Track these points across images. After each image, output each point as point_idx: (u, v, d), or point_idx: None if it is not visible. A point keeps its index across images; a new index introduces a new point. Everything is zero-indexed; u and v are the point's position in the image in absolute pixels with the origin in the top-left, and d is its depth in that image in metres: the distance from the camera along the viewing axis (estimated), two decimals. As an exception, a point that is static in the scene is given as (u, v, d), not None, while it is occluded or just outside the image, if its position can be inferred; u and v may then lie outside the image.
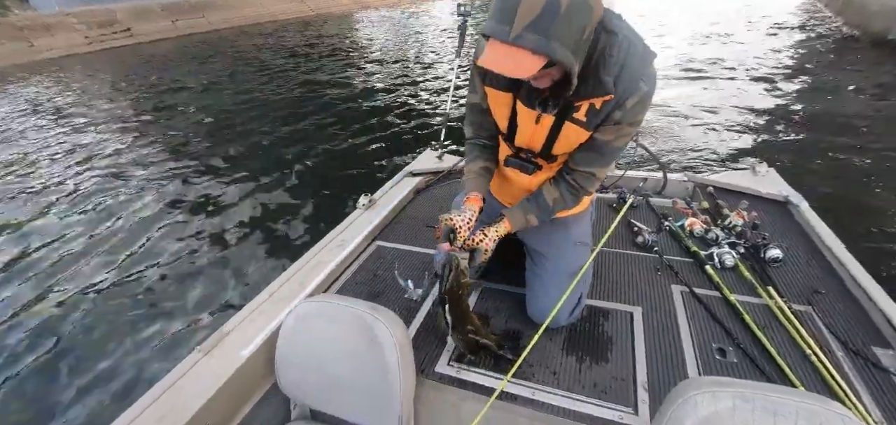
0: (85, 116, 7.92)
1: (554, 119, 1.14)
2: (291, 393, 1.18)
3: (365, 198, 2.21)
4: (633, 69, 1.03)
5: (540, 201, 1.30)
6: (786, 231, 1.91)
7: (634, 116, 1.09)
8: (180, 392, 1.18)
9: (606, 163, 1.24)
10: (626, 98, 1.05)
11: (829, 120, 5.43)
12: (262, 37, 16.00)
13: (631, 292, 1.63)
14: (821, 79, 7.11)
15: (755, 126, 5.44)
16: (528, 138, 1.24)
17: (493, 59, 0.90)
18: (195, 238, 3.82)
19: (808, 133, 5.15)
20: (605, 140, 1.15)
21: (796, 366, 1.27)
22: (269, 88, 8.88)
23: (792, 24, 11.46)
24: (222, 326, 1.38)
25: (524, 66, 0.88)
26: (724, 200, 2.07)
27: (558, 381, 1.29)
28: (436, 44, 12.70)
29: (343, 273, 1.83)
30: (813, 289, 1.56)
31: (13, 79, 11.62)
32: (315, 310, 1.11)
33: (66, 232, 4.09)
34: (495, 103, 1.24)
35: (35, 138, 6.94)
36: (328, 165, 5.19)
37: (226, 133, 6.55)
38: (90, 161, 5.83)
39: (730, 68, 7.93)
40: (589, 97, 1.06)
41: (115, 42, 15.90)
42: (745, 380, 0.79)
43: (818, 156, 4.57)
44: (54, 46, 14.59)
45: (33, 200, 4.82)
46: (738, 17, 13.04)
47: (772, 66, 7.89)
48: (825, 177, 4.11)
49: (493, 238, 1.26)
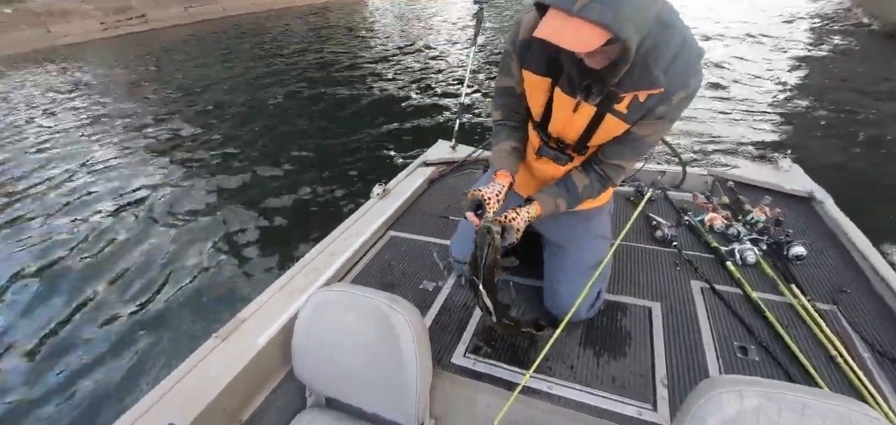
0: (101, 102, 8.04)
1: (594, 110, 1.10)
2: (307, 380, 1.19)
3: (379, 187, 2.21)
4: (685, 64, 1.00)
5: (569, 186, 1.25)
6: (810, 228, 1.87)
7: (677, 113, 1.06)
8: (199, 377, 1.20)
9: (637, 157, 1.21)
10: (674, 93, 1.02)
11: (853, 113, 5.30)
12: (275, 23, 16.04)
13: (649, 287, 1.61)
14: (842, 71, 6.94)
15: (775, 118, 5.33)
16: (562, 127, 1.19)
17: (552, 30, 0.85)
18: (210, 224, 3.87)
19: (830, 126, 5.03)
20: (641, 134, 1.11)
21: (821, 367, 1.25)
22: (282, 76, 8.91)
23: (811, 14, 11.18)
24: (239, 313, 1.40)
25: (585, 40, 0.84)
26: (746, 195, 2.04)
27: (575, 376, 1.29)
28: (450, 32, 12.61)
29: (357, 262, 1.84)
30: (838, 288, 1.53)
31: (31, 64, 11.82)
32: (332, 299, 1.11)
33: (77, 216, 4.17)
34: (532, 88, 1.19)
35: (52, 123, 7.06)
36: (342, 154, 5.21)
37: (240, 120, 6.60)
38: (105, 147, 5.92)
39: (749, 60, 7.77)
40: (635, 89, 1.02)
41: (131, 28, 16.06)
42: (771, 380, 0.77)
43: (842, 150, 4.46)
44: (71, 32, 14.79)
45: (51, 184, 4.91)
46: (759, 7, 12.74)
47: (792, 57, 7.74)
48: (850, 172, 4.01)
49: (524, 219, 1.19)
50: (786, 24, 10.25)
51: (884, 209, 3.46)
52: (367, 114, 6.43)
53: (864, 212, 3.09)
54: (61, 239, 3.80)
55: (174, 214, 4.09)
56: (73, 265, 3.44)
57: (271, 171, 4.81)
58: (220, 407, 1.17)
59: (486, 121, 5.96)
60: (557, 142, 1.24)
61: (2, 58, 12.85)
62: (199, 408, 1.11)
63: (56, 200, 4.54)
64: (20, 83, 10.00)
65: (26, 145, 6.19)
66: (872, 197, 3.62)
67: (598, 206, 1.48)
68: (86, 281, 3.24)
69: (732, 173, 2.25)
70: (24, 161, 5.65)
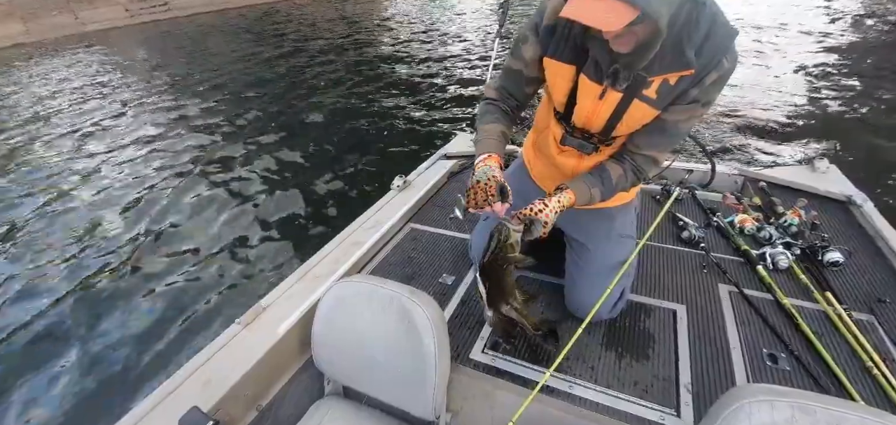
0: (129, 87, 8.27)
1: (621, 96, 1.06)
2: (326, 369, 1.21)
3: (400, 179, 2.22)
4: (718, 43, 0.96)
5: (604, 176, 1.19)
6: (847, 233, 1.81)
7: (710, 95, 1.03)
8: (221, 362, 1.23)
9: (670, 146, 1.17)
10: (706, 74, 0.98)
11: (887, 111, 5.10)
12: (295, 13, 16.19)
13: (675, 289, 1.58)
14: (880, 68, 6.66)
15: (809, 116, 5.14)
16: (586, 116, 1.15)
17: (579, 8, 0.83)
18: (234, 212, 3.95)
19: (868, 126, 4.84)
20: (673, 120, 1.08)
21: (856, 379, 1.21)
22: (303, 66, 8.99)
23: (847, 8, 10.79)
24: (260, 301, 1.43)
25: (614, 18, 0.81)
26: (779, 197, 1.98)
27: (596, 377, 1.27)
28: (472, 22, 12.53)
29: (377, 253, 1.85)
30: (876, 297, 1.48)
31: (65, 49, 12.22)
32: (353, 290, 1.12)
33: (100, 203, 4.30)
34: (555, 76, 1.15)
35: (81, 106, 7.29)
36: (362, 146, 5.25)
37: (261, 109, 6.69)
38: (131, 132, 6.09)
39: (783, 54, 7.52)
40: (665, 72, 0.99)
41: (155, 16, 16.44)
42: (803, 391, 0.75)
43: (881, 152, 4.28)
44: (97, 19, 15.24)
45: (80, 170, 5.08)
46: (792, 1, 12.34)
47: (828, 53, 7.45)
48: (890, 175, 3.85)
49: (554, 209, 1.13)
50: (820, 14, 9.92)
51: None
52: (387, 105, 6.45)
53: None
54: (91, 223, 3.94)
55: (200, 201, 4.18)
56: (96, 247, 3.56)
57: (293, 162, 4.88)
58: (242, 392, 1.20)
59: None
60: (582, 132, 1.20)
61: (35, 43, 13.34)
62: (221, 393, 1.14)
63: (80, 180, 4.70)
64: (53, 67, 10.35)
65: (66, 124, 6.42)
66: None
67: (624, 204, 1.45)
68: (107, 263, 3.35)
69: (765, 173, 2.19)
70: (61, 143, 5.85)
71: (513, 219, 1.11)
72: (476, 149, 1.23)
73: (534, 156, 1.49)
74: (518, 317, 1.26)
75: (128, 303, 2.93)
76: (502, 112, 1.28)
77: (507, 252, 1.12)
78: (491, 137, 1.22)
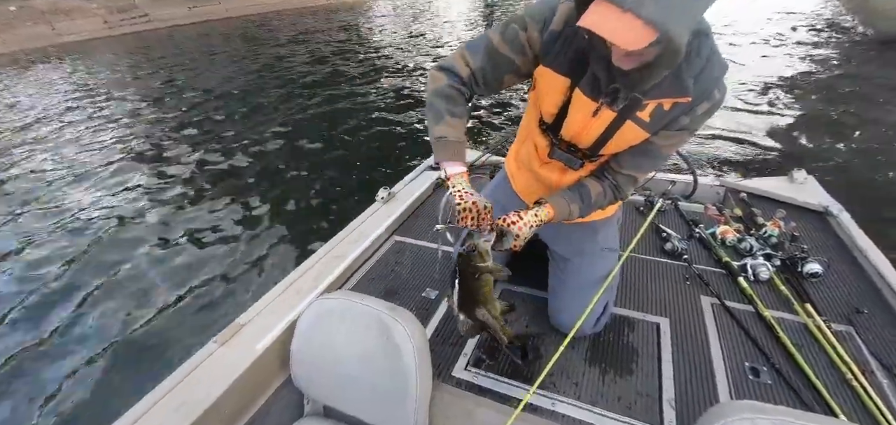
0: (105, 101, 8.13)
1: (615, 115, 1.06)
2: (305, 388, 1.19)
3: (384, 191, 2.22)
4: (713, 75, 0.99)
5: (583, 193, 1.20)
6: (825, 243, 1.86)
7: (698, 124, 1.05)
8: (197, 382, 1.21)
9: (651, 169, 1.19)
10: (700, 103, 1.01)
11: (858, 122, 5.34)
12: (278, 24, 16.19)
13: (658, 302, 1.60)
14: (844, 78, 7.05)
15: (779, 128, 5.37)
16: (576, 131, 1.14)
17: (600, 21, 0.81)
18: (212, 227, 3.89)
19: (836, 135, 5.06)
20: (660, 144, 1.10)
21: (836, 392, 1.24)
22: (286, 77, 8.97)
23: (809, 22, 11.43)
24: (238, 318, 1.41)
25: (632, 37, 0.79)
26: (759, 208, 2.03)
27: (580, 393, 1.28)
28: (456, 32, 12.68)
29: (360, 268, 1.84)
30: (854, 308, 1.51)
31: (37, 61, 12.01)
32: (332, 308, 1.11)
33: (75, 216, 4.21)
34: (548, 87, 1.12)
35: (58, 120, 7.15)
36: (346, 158, 5.23)
37: (244, 120, 6.65)
38: (107, 145, 5.98)
39: (748, 67, 7.83)
40: (661, 97, 1.01)
41: (134, 27, 16.31)
42: (784, 408, 0.77)
43: (850, 161, 4.46)
44: (75, 30, 15.05)
45: (55, 183, 4.97)
46: (756, 14, 12.89)
47: (795, 66, 7.85)
48: (863, 186, 3.97)
49: (529, 223, 1.13)
50: (788, 34, 10.47)
51: None
52: (370, 117, 6.46)
53: (881, 226, 3.10)
54: (50, 239, 3.85)
55: (175, 215, 4.12)
56: (66, 263, 3.47)
57: (273, 174, 4.84)
58: (218, 414, 1.18)
59: (493, 121, 5.96)
60: (568, 146, 1.20)
61: (8, 54, 13.09)
62: (196, 415, 1.12)
63: (47, 200, 4.60)
64: (24, 80, 10.15)
65: (29, 140, 6.29)
66: (888, 209, 3.60)
67: (606, 217, 1.47)
68: (78, 283, 3.27)
69: (745, 184, 2.24)
70: (28, 159, 5.73)
71: (492, 224, 1.10)
72: (445, 146, 1.13)
73: (516, 168, 1.50)
74: (495, 324, 1.22)
75: (94, 325, 2.85)
76: (466, 103, 1.18)
77: (476, 261, 1.11)
78: (463, 140, 1.15)
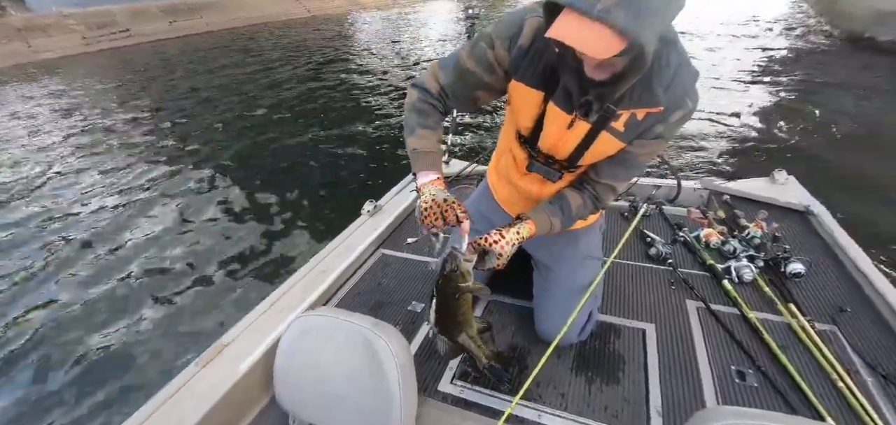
0: (83, 119, 8.00)
1: (590, 127, 1.08)
2: (289, 408, 1.18)
3: (370, 204, 2.22)
4: (684, 83, 1.01)
5: (564, 205, 1.22)
6: (807, 243, 1.90)
7: (673, 132, 1.07)
8: (177, 406, 1.19)
9: (629, 177, 1.21)
10: (672, 112, 1.03)
11: (830, 120, 5.58)
12: (259, 38, 16.15)
13: (643, 308, 1.62)
14: (813, 76, 7.42)
15: (754, 129, 5.57)
16: (552, 143, 1.16)
17: (567, 31, 0.81)
18: (195, 244, 3.85)
19: (810, 136, 5.26)
20: (636, 153, 1.11)
21: (821, 392, 1.25)
22: (269, 91, 8.94)
23: (778, 24, 12.04)
24: (221, 338, 1.40)
25: (602, 46, 0.79)
26: (742, 209, 2.06)
27: (567, 404, 1.28)
28: (438, 46, 12.77)
29: (346, 282, 1.84)
30: (838, 307, 1.54)
31: (11, 80, 11.81)
32: (314, 325, 1.11)
33: (53, 234, 4.14)
34: (522, 101, 1.13)
35: (32, 139, 7.02)
36: (332, 171, 5.22)
37: (227, 135, 6.60)
38: (86, 163, 5.88)
39: (721, 68, 8.14)
40: (634, 107, 1.02)
41: (114, 43, 16.10)
42: (770, 412, 0.77)
43: (825, 160, 4.62)
44: (52, 48, 14.80)
45: (32, 201, 4.87)
46: (724, 18, 13.36)
47: (766, 66, 8.20)
48: (840, 185, 4.08)
49: (511, 241, 1.14)
50: (757, 36, 10.95)
51: (876, 220, 3.55)
52: (358, 129, 6.47)
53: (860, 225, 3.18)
54: (31, 261, 3.77)
55: (157, 231, 4.06)
56: (43, 288, 3.40)
57: (258, 188, 4.81)
58: None
59: (476, 133, 6.01)
60: (546, 157, 1.22)
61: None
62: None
63: (29, 222, 4.51)
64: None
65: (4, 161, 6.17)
66: (864, 207, 3.71)
67: (588, 225, 1.48)
68: (59, 306, 3.20)
69: (728, 186, 2.28)
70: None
71: (467, 248, 1.09)
72: (418, 157, 1.16)
73: (497, 179, 1.52)
74: (474, 347, 1.22)
75: (68, 349, 2.79)
76: (440, 116, 1.21)
77: (458, 281, 1.09)
78: (435, 150, 1.17)
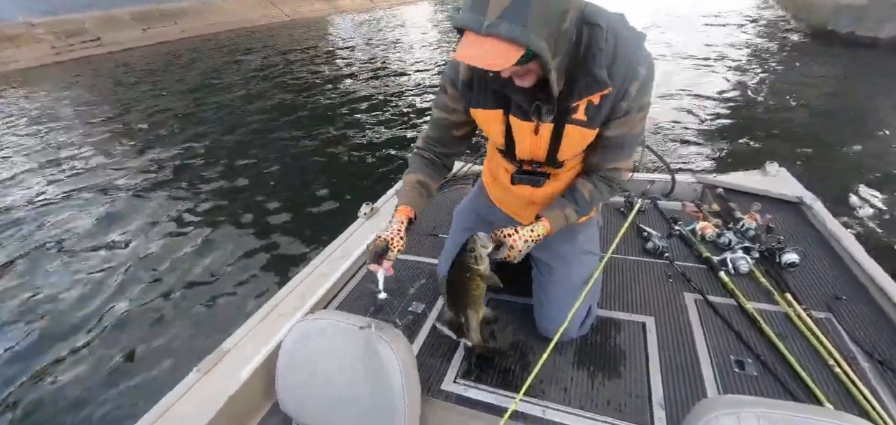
0: (59, 130, 7.87)
1: (553, 126, 1.14)
2: (292, 412, 1.19)
3: (366, 207, 2.25)
4: (627, 56, 1.04)
5: (576, 195, 1.27)
6: (801, 233, 1.96)
7: (641, 101, 1.11)
8: (178, 414, 1.19)
9: (629, 155, 1.26)
10: (627, 86, 1.07)
11: (806, 111, 5.86)
12: (237, 43, 16.07)
13: (642, 301, 1.66)
14: (781, 67, 7.83)
15: (731, 122, 5.79)
16: (529, 150, 1.23)
17: (468, 52, 0.88)
18: (191, 252, 3.82)
19: (790, 126, 5.48)
20: (620, 134, 1.16)
21: (819, 379, 1.29)
22: (252, 96, 8.91)
23: (746, 17, 12.62)
24: (221, 344, 1.41)
25: (500, 59, 0.86)
26: (736, 202, 2.13)
27: (570, 399, 1.31)
28: (424, 50, 12.87)
29: (344, 286, 1.85)
30: (833, 295, 1.59)
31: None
32: (315, 328, 1.13)
33: (44, 247, 4.08)
34: (487, 123, 1.23)
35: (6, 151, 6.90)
36: (327, 175, 5.22)
37: (215, 142, 6.56)
38: (68, 175, 5.79)
39: (692, 62, 8.50)
40: (586, 94, 1.07)
41: (85, 52, 15.86)
42: (769, 399, 0.80)
43: (811, 151, 4.78)
44: (20, 58, 14.54)
45: (13, 215, 4.79)
46: (687, 12, 13.88)
47: (736, 59, 8.62)
48: (830, 175, 4.22)
49: (524, 238, 1.20)
50: (723, 29, 11.48)
51: (864, 206, 3.69)
52: (353, 132, 6.48)
53: (852, 213, 3.30)
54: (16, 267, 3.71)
55: (149, 242, 4.02)
56: (30, 302, 3.35)
57: (255, 197, 4.79)
58: None
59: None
60: (531, 163, 1.29)
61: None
62: None
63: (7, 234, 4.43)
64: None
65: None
66: (855, 195, 3.85)
67: (585, 220, 1.51)
68: (50, 320, 3.16)
69: (721, 179, 2.35)
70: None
71: (490, 236, 1.18)
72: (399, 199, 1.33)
73: (491, 180, 1.56)
74: (473, 325, 1.31)
75: (69, 363, 2.76)
76: (426, 161, 1.37)
77: (472, 263, 1.17)
78: (406, 187, 1.33)
